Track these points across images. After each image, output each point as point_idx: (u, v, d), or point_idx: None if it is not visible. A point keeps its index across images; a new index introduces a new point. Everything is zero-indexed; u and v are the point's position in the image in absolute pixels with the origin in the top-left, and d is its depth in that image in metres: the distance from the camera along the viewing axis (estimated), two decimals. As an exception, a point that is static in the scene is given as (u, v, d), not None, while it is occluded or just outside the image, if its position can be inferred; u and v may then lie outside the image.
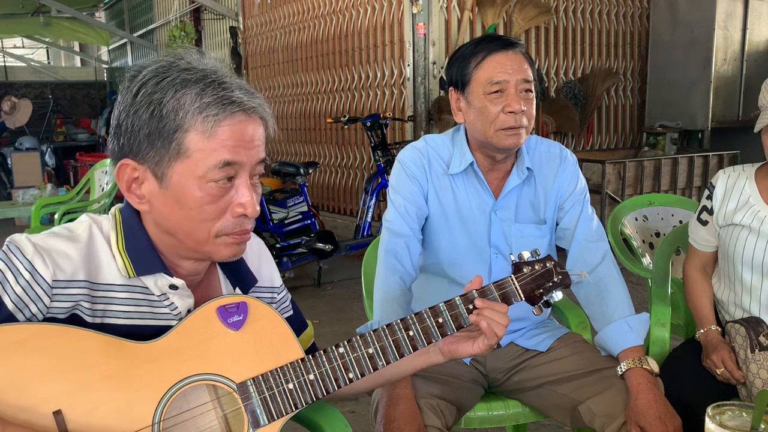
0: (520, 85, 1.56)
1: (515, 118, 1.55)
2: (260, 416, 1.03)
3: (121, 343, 0.97)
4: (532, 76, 1.59)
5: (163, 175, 0.99)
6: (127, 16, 12.21)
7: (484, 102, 1.57)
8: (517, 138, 1.58)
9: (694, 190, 5.47)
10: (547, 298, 1.24)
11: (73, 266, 0.98)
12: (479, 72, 1.58)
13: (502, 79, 1.56)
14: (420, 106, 5.37)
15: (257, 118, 1.02)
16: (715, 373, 1.61)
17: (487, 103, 1.57)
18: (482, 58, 1.58)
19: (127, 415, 0.95)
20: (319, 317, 4.06)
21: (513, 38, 1.63)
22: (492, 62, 1.57)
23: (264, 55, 7.83)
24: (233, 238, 1.03)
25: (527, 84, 1.57)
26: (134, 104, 0.98)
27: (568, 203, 1.71)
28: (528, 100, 1.58)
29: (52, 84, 13.06)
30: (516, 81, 1.56)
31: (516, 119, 1.56)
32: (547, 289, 1.24)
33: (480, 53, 1.59)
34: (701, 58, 5.88)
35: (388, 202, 1.71)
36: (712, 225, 1.79)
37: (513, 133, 1.57)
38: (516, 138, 1.58)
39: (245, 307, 1.07)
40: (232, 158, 0.98)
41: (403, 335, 1.13)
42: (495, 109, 1.56)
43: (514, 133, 1.57)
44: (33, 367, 0.91)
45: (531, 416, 1.67)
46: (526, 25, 5.68)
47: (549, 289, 1.24)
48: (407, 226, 1.65)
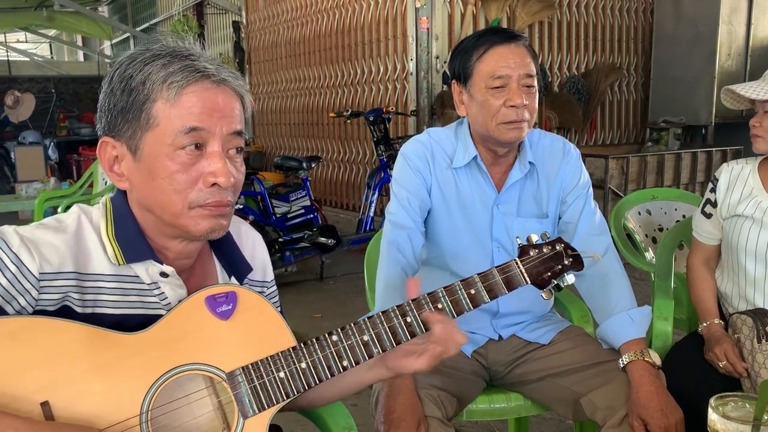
0: (522, 80, 1.55)
1: (517, 112, 1.55)
2: (249, 405, 1.03)
3: (109, 335, 0.97)
4: (534, 69, 1.58)
5: (136, 148, 1.00)
6: (130, 11, 12.20)
7: (486, 96, 1.57)
8: (519, 132, 1.58)
9: (698, 185, 5.45)
10: (557, 281, 1.20)
11: (60, 258, 0.98)
12: (481, 65, 1.58)
13: (504, 74, 1.55)
14: (423, 100, 5.37)
15: (228, 90, 1.03)
16: (717, 366, 1.61)
17: (489, 97, 1.57)
18: (484, 51, 1.57)
19: (114, 404, 0.95)
20: (321, 311, 4.06)
21: (516, 31, 1.62)
22: (494, 55, 1.56)
23: (267, 50, 7.82)
24: (208, 209, 1.01)
25: (529, 78, 1.57)
26: (110, 84, 1.01)
27: (570, 197, 1.70)
28: (530, 94, 1.57)
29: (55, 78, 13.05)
30: (518, 75, 1.55)
31: (518, 113, 1.55)
32: (557, 272, 1.20)
33: (482, 46, 1.58)
34: (705, 53, 5.85)
35: (391, 195, 1.71)
36: (716, 217, 1.79)
37: (514, 126, 1.57)
38: (517, 132, 1.58)
39: (234, 296, 1.06)
40: (197, 124, 0.98)
41: (400, 321, 1.10)
42: (497, 102, 1.56)
43: (515, 126, 1.57)
44: (21, 359, 0.91)
45: (533, 409, 1.67)
46: (530, 20, 5.66)
47: (559, 272, 1.20)
48: (410, 218, 1.64)
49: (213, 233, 1.04)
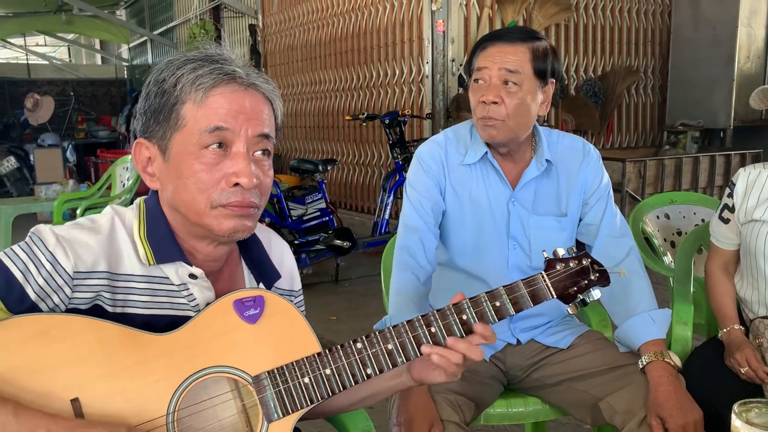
0: (502, 75, 1.52)
1: (487, 108, 1.53)
2: (274, 410, 1.03)
3: (139, 335, 0.99)
4: (529, 69, 1.53)
5: (166, 149, 1.03)
6: (148, 14, 12.31)
7: (472, 90, 1.58)
8: (492, 130, 1.55)
9: (716, 189, 5.40)
10: (583, 296, 1.18)
11: (93, 257, 1.00)
12: (474, 62, 1.59)
13: (483, 66, 1.54)
14: (438, 103, 5.36)
15: (257, 94, 1.04)
16: (738, 372, 1.59)
17: (472, 92, 1.57)
18: (477, 48, 1.58)
19: (142, 404, 0.96)
20: (336, 314, 4.07)
21: (525, 31, 1.59)
22: (485, 53, 1.56)
23: (283, 53, 7.85)
24: (230, 209, 1.02)
25: (509, 74, 1.52)
26: (147, 87, 1.05)
27: (593, 199, 1.69)
28: (510, 93, 1.53)
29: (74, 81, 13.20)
30: (498, 70, 1.52)
31: (488, 110, 1.53)
32: (583, 287, 1.18)
33: (479, 44, 1.58)
34: (724, 55, 5.80)
35: (404, 197, 1.72)
36: (734, 222, 1.77)
37: (484, 124, 1.55)
38: (490, 129, 1.55)
39: (262, 300, 1.07)
40: (221, 124, 1.00)
41: (425, 331, 1.10)
42: (476, 97, 1.55)
43: (486, 124, 1.55)
44: (54, 356, 0.93)
45: (551, 413, 1.67)
46: (546, 23, 5.65)
47: (585, 287, 1.18)
48: (421, 220, 1.64)
49: (237, 234, 1.04)
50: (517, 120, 1.56)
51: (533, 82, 1.55)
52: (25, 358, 0.92)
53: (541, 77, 1.57)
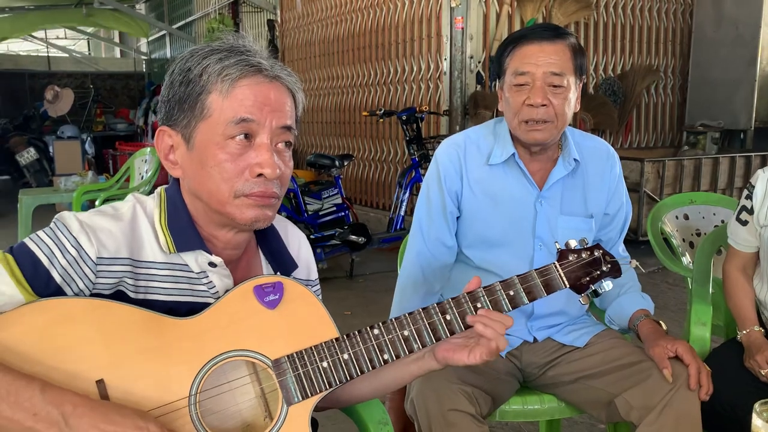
0: (547, 78, 1.52)
1: (536, 111, 1.53)
2: (294, 393, 1.05)
3: (162, 319, 1.00)
4: (571, 68, 1.54)
5: (190, 137, 1.04)
6: (167, 8, 12.38)
7: (511, 92, 1.57)
8: (539, 134, 1.55)
9: (735, 191, 5.35)
10: (595, 287, 1.22)
11: (116, 244, 1.02)
12: (510, 61, 1.58)
13: (527, 71, 1.53)
14: (456, 100, 5.35)
15: (281, 86, 1.06)
16: (759, 374, 1.58)
17: (513, 94, 1.56)
18: (513, 47, 1.57)
19: (165, 386, 0.98)
20: (350, 308, 4.08)
21: (560, 29, 1.59)
22: (523, 52, 1.55)
23: (301, 48, 7.87)
24: (253, 199, 1.04)
25: (556, 77, 1.53)
26: (171, 76, 1.06)
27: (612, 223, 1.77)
28: (556, 95, 1.53)
29: (93, 74, 13.33)
30: (543, 73, 1.52)
31: (536, 113, 1.53)
32: (595, 278, 1.21)
33: (514, 42, 1.57)
34: (746, 56, 5.74)
35: (419, 197, 1.73)
36: (753, 225, 1.75)
37: (531, 128, 1.55)
38: (536, 133, 1.55)
39: (281, 286, 1.09)
40: (247, 115, 1.01)
41: (440, 318, 1.12)
42: (518, 100, 1.55)
43: (532, 128, 1.55)
44: (79, 339, 0.95)
45: (566, 411, 1.66)
46: (566, 20, 5.61)
47: (597, 278, 1.21)
48: (433, 225, 1.68)
49: (258, 223, 1.06)
50: (564, 120, 1.57)
51: (573, 80, 1.56)
52: (52, 340, 0.94)
53: (579, 74, 1.57)
